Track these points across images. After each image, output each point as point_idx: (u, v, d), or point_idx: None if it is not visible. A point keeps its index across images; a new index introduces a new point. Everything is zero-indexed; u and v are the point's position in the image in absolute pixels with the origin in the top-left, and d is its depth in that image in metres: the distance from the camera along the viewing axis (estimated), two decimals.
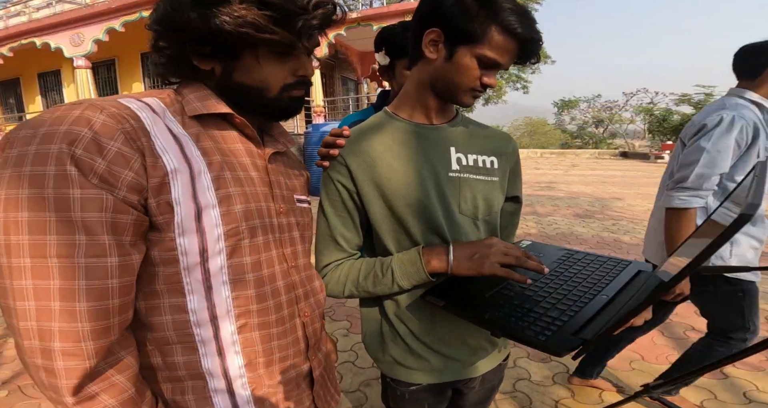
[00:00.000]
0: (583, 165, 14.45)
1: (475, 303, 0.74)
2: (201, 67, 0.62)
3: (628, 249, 4.27)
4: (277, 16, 0.58)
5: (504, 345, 0.95)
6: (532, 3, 17.73)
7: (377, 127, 0.85)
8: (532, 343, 0.63)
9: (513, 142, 0.94)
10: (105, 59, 9.81)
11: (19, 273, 0.46)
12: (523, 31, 0.70)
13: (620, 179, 10.20)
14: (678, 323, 2.64)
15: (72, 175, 0.48)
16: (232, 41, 0.58)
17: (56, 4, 9.54)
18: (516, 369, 2.16)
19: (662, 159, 14.91)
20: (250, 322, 0.61)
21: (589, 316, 0.66)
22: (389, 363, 0.90)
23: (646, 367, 2.16)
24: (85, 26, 8.44)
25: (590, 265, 0.83)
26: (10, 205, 0.47)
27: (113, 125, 0.51)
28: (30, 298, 0.46)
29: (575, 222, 5.59)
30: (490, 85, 0.76)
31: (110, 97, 0.58)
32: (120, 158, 0.51)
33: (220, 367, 0.59)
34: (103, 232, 0.49)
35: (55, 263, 0.47)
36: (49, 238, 0.46)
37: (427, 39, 0.75)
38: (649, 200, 7.13)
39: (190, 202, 0.55)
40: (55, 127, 0.49)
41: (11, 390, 2.08)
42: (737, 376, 2.04)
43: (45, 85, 11.29)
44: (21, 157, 0.48)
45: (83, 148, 0.48)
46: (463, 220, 0.83)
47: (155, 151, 0.54)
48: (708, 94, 16.99)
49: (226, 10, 0.56)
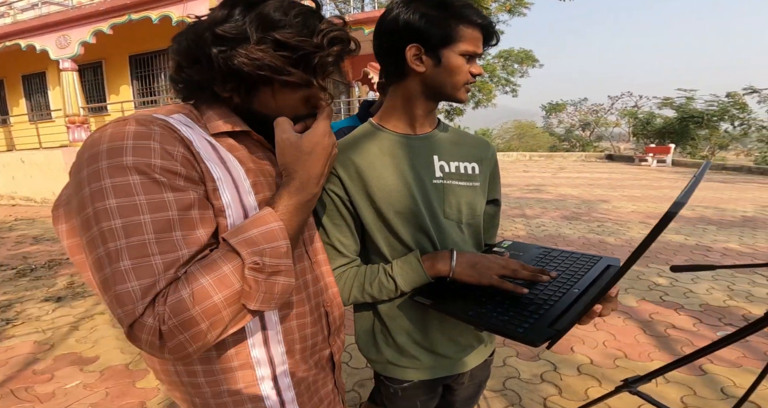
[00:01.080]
0: (570, 168, 14.69)
1: (460, 301, 0.80)
2: (221, 94, 0.65)
3: (612, 250, 4.39)
4: (293, 57, 0.60)
5: (489, 341, 1.01)
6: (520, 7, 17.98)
7: (365, 138, 0.90)
8: (511, 335, 0.69)
9: (492, 147, 1.00)
10: (92, 61, 9.62)
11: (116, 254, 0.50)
12: (481, 20, 0.81)
13: (606, 182, 10.41)
14: (659, 321, 2.74)
15: (162, 181, 0.52)
16: (251, 78, 0.61)
17: (42, 6, 9.38)
18: (506, 368, 2.23)
19: (646, 162, 15.20)
20: (290, 313, 0.67)
21: (563, 309, 0.72)
22: (382, 362, 0.95)
23: (630, 364, 2.25)
24: (71, 28, 8.28)
25: (564, 261, 0.90)
26: (101, 216, 0.50)
27: (169, 135, 0.56)
28: (138, 299, 0.49)
29: (562, 224, 5.71)
30: (479, 74, 0.85)
31: (140, 113, 0.61)
32: (187, 162, 0.56)
33: (266, 356, 0.65)
34: (196, 227, 0.54)
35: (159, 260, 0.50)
36: (148, 236, 0.50)
37: (410, 55, 0.82)
38: (633, 202, 7.31)
39: (238, 205, 0.60)
40: (119, 141, 0.52)
41: (3, 394, 2.09)
42: (715, 373, 2.14)
43: (30, 88, 11.03)
44: (95, 173, 0.51)
45: (161, 157, 0.53)
46: (448, 224, 0.90)
47: (203, 159, 0.59)
48: (689, 98, 17.33)
49: (244, 52, 0.58)
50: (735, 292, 3.18)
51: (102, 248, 0.49)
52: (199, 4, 7.11)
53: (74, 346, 2.60)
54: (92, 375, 2.27)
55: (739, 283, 3.36)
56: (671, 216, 0.49)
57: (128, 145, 0.52)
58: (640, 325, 2.70)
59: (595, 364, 2.26)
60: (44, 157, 8.96)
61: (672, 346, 2.43)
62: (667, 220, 0.49)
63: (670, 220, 0.49)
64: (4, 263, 4.53)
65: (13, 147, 10.81)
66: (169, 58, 0.66)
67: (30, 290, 3.65)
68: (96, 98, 10.09)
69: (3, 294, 3.56)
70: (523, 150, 24.48)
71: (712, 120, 16.33)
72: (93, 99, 10.05)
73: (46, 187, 9.07)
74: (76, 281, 3.85)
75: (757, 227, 5.33)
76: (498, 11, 17.67)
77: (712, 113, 16.30)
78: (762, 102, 15.56)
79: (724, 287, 3.29)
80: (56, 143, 9.58)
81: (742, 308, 2.91)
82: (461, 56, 0.81)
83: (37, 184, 9.16)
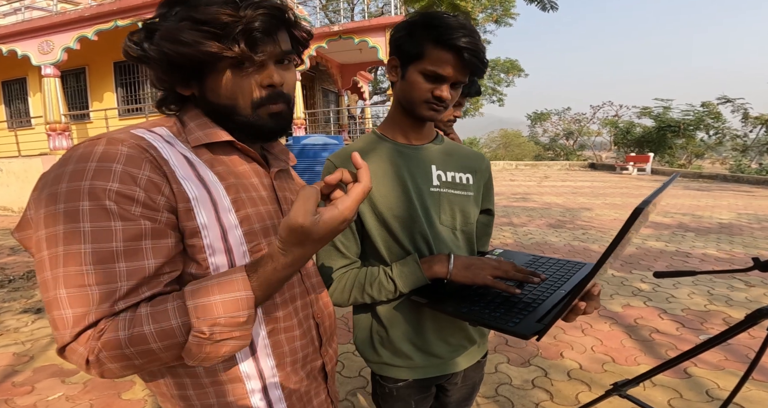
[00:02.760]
0: (554, 176, 14.97)
1: (454, 300, 0.85)
2: (183, 93, 0.64)
3: (596, 257, 4.47)
4: (214, 31, 0.57)
5: (481, 343, 1.05)
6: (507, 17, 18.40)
7: (368, 146, 0.96)
8: (503, 329, 0.73)
9: (486, 160, 1.06)
10: (74, 68, 9.45)
11: (57, 304, 0.50)
12: (454, 41, 0.80)
13: (589, 190, 10.65)
14: (643, 326, 2.81)
15: (112, 208, 0.51)
16: (185, 64, 0.59)
17: (24, 11, 9.21)
18: (497, 374, 2.26)
19: (626, 170, 15.60)
20: (277, 327, 0.67)
21: (550, 307, 0.77)
22: (378, 362, 0.99)
23: (617, 368, 2.30)
24: (55, 34, 8.15)
25: (552, 267, 0.96)
26: (50, 242, 0.50)
27: (137, 155, 0.54)
28: (69, 326, 0.50)
29: (548, 232, 5.81)
30: (442, 98, 0.84)
31: (122, 129, 0.60)
32: (151, 185, 0.54)
33: (255, 369, 0.65)
34: (144, 258, 0.53)
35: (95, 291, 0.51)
36: (86, 268, 0.50)
37: (389, 65, 0.91)
38: (615, 210, 7.49)
39: (215, 224, 0.59)
40: (83, 163, 0.52)
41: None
42: (700, 376, 2.20)
43: (9, 94, 10.75)
44: (52, 196, 0.51)
45: (119, 181, 0.52)
46: (443, 230, 0.95)
47: (177, 178, 0.57)
48: (666, 108, 17.86)
49: (166, 36, 0.57)
50: (715, 297, 3.28)
51: (47, 272, 0.51)
52: None
53: (55, 358, 2.53)
54: (75, 387, 2.22)
55: (719, 288, 3.47)
56: (638, 212, 0.53)
57: (90, 168, 0.52)
58: (626, 329, 2.76)
59: (584, 369, 2.30)
60: (23, 165, 8.73)
61: (657, 350, 2.49)
62: (635, 216, 0.53)
63: (638, 215, 0.53)
64: None
65: None
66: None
67: (8, 302, 3.54)
68: (78, 105, 9.90)
69: None
70: (509, 159, 24.85)
71: (689, 129, 16.88)
72: (75, 106, 9.86)
73: (24, 196, 8.81)
74: None
75: (733, 234, 5.51)
76: (485, 22, 18.07)
77: (688, 122, 16.86)
78: (735, 111, 16.16)
79: (705, 292, 3.39)
80: (36, 151, 9.33)
81: (722, 312, 3.00)
82: (421, 74, 0.84)
83: (15, 192, 8.90)
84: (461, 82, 0.86)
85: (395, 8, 9.54)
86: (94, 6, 7.93)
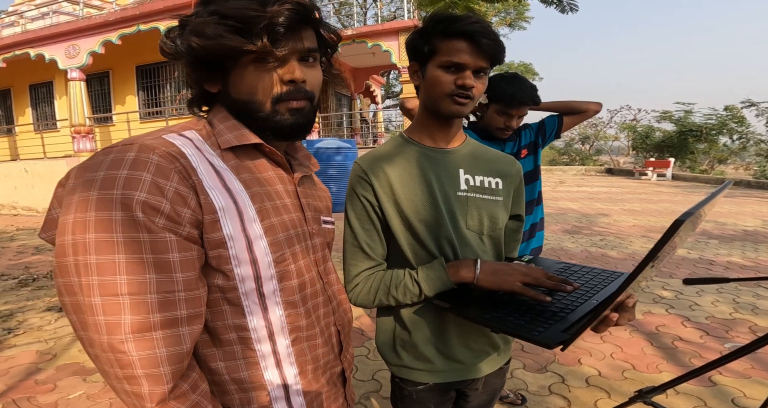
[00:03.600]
0: (570, 181, 14.75)
1: (478, 306, 0.83)
2: (210, 90, 0.65)
3: (615, 263, 4.40)
4: (238, 25, 0.57)
5: (504, 349, 1.02)
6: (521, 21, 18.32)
7: (396, 150, 0.96)
8: (526, 337, 0.70)
9: (517, 164, 1.03)
10: (99, 71, 9.71)
11: (93, 309, 0.50)
12: (462, 28, 0.80)
13: (606, 196, 10.45)
14: (665, 334, 2.74)
15: (139, 219, 0.51)
16: (209, 59, 0.60)
17: (52, 16, 9.51)
18: (513, 380, 2.22)
19: (645, 175, 15.27)
20: (300, 335, 0.67)
21: (579, 317, 0.74)
22: (399, 365, 0.98)
23: (637, 375, 2.24)
24: (81, 38, 8.39)
25: (585, 276, 0.91)
26: (78, 248, 0.50)
27: (166, 165, 0.54)
28: (104, 332, 0.50)
29: (564, 237, 5.72)
30: (465, 85, 0.83)
31: (153, 133, 0.60)
32: (178, 197, 0.54)
33: (279, 377, 0.65)
34: (173, 271, 0.53)
35: (127, 300, 0.50)
36: (119, 278, 0.50)
37: (411, 71, 0.93)
38: (634, 216, 7.33)
39: (241, 235, 0.59)
40: (114, 170, 0.52)
41: (6, 403, 2.08)
42: (725, 384, 2.13)
43: (36, 97, 11.11)
44: (83, 202, 0.51)
45: (147, 192, 0.52)
46: (469, 235, 0.93)
47: (204, 188, 0.57)
48: (688, 112, 17.42)
49: (193, 30, 0.58)
50: (740, 305, 3.18)
51: (74, 277, 0.51)
52: None
53: (77, 356, 2.58)
54: (95, 385, 2.25)
55: (744, 296, 3.36)
56: (678, 224, 0.51)
57: (121, 176, 0.52)
58: (647, 337, 2.70)
59: (603, 376, 2.25)
60: (47, 166, 9.00)
61: (680, 357, 2.43)
62: (674, 229, 0.51)
63: (677, 228, 0.51)
64: (5, 273, 4.54)
65: (17, 156, 10.86)
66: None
67: (32, 300, 3.64)
68: (102, 108, 10.17)
69: (4, 303, 3.56)
70: None
71: (711, 134, 16.42)
72: (99, 109, 10.13)
73: (48, 197, 9.05)
74: None
75: (758, 241, 5.34)
76: (498, 25, 18.00)
77: (710, 127, 16.40)
78: (760, 115, 15.67)
79: (730, 300, 3.29)
80: (60, 153, 9.62)
81: (748, 321, 2.90)
82: (440, 68, 0.85)
83: (39, 193, 9.17)
84: (483, 69, 0.85)
85: (408, 12, 9.58)
86: (118, 11, 8.15)
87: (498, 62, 0.86)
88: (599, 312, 0.66)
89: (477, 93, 0.86)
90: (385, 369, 2.34)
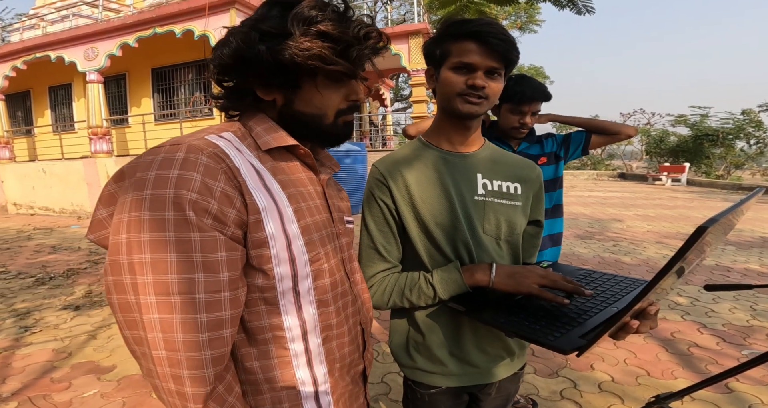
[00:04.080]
0: (581, 186, 14.58)
1: (493, 309, 0.82)
2: (264, 98, 0.66)
3: (629, 269, 4.33)
4: (337, 48, 0.62)
5: (520, 354, 1.01)
6: (531, 24, 18.23)
7: (414, 153, 0.96)
8: (541, 342, 0.70)
9: (537, 169, 1.02)
10: (116, 74, 9.89)
11: (147, 308, 0.51)
12: (470, 28, 0.82)
13: (618, 201, 10.32)
14: (681, 340, 2.69)
15: (191, 219, 0.52)
16: (298, 72, 0.62)
17: (72, 19, 9.71)
18: (523, 385, 2.20)
19: (659, 181, 15.03)
20: (330, 334, 0.69)
21: (597, 323, 0.72)
22: (412, 368, 0.97)
23: (652, 381, 2.20)
24: (99, 41, 8.54)
25: (607, 283, 0.89)
26: (133, 247, 0.51)
27: (214, 166, 0.56)
28: (158, 330, 0.51)
29: (576, 243, 5.66)
30: (476, 85, 0.83)
31: (195, 133, 0.62)
32: (225, 198, 0.55)
33: (310, 376, 0.66)
34: (219, 270, 0.54)
35: (178, 299, 0.52)
36: (171, 277, 0.51)
37: (427, 76, 0.95)
38: (648, 222, 7.22)
39: (281, 235, 0.61)
40: (166, 170, 0.53)
41: (21, 401, 2.11)
42: (742, 391, 2.08)
43: (55, 99, 11.35)
44: (137, 201, 0.52)
45: (197, 192, 0.53)
46: (486, 240, 0.92)
47: (248, 188, 0.59)
48: (704, 116, 17.09)
49: (294, 44, 0.60)
50: (758, 312, 3.11)
51: (127, 276, 0.52)
52: (220, 19, 7.35)
53: (92, 355, 2.62)
54: (109, 384, 2.27)
55: (762, 303, 3.29)
56: (701, 232, 0.50)
57: (173, 176, 0.53)
58: (662, 343, 2.65)
59: (616, 381, 2.22)
60: (65, 167, 9.17)
61: (696, 364, 2.38)
62: (696, 236, 0.50)
63: (700, 236, 0.50)
64: (23, 271, 4.63)
65: (35, 157, 11.11)
66: (211, 68, 0.67)
67: (48, 298, 3.70)
68: (118, 110, 10.35)
69: (22, 302, 3.63)
70: None
71: (727, 138, 16.10)
72: (115, 111, 10.31)
73: (65, 197, 9.26)
74: (93, 290, 3.91)
75: None
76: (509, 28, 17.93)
77: (727, 131, 16.09)
78: None
79: (747, 307, 3.22)
80: (78, 154, 9.80)
81: (766, 328, 2.83)
82: (451, 70, 0.86)
83: (56, 194, 9.35)
84: (494, 69, 0.84)
85: (418, 16, 9.57)
86: (135, 14, 8.30)
87: (510, 61, 0.85)
88: (617, 318, 0.64)
89: (491, 93, 0.86)
90: (395, 372, 2.33)
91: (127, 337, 0.54)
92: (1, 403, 2.08)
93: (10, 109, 11.61)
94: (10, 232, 7.42)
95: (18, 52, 9.50)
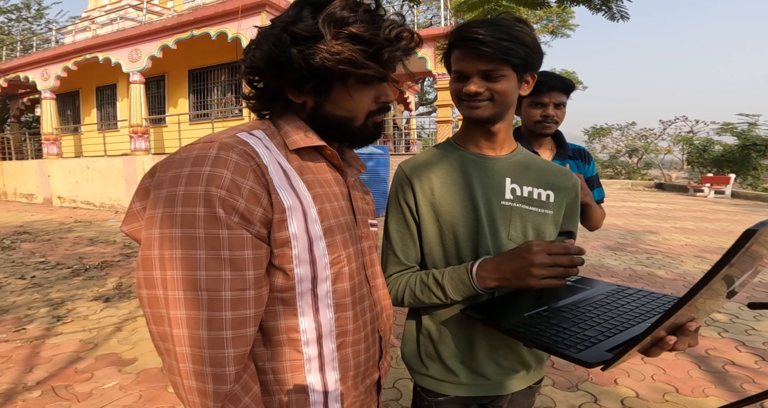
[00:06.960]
0: (614, 196, 14.00)
1: (512, 318, 0.77)
2: (295, 100, 0.66)
3: (663, 283, 4.11)
4: (369, 51, 0.61)
5: (536, 368, 0.96)
6: (564, 29, 17.79)
7: (441, 154, 0.95)
8: (563, 354, 0.65)
9: (573, 178, 0.96)
10: (156, 75, 10.35)
11: (174, 303, 0.52)
12: (453, 37, 0.82)
13: (655, 212, 9.83)
14: (716, 357, 2.52)
15: (221, 216, 0.53)
16: (329, 76, 0.62)
17: (119, 21, 10.26)
18: (540, 397, 2.11)
19: (701, 192, 14.24)
20: (346, 340, 0.67)
21: (627, 338, 0.67)
22: (423, 375, 0.95)
23: (680, 399, 2.07)
24: (142, 43, 8.98)
25: (640, 299, 0.84)
26: (165, 242, 0.52)
27: (244, 164, 0.56)
28: (183, 326, 0.52)
29: (606, 254, 5.41)
30: (468, 92, 0.83)
31: (227, 131, 0.62)
32: (252, 196, 0.56)
33: (320, 382, 0.65)
34: (245, 268, 0.54)
35: (205, 295, 0.52)
36: (199, 273, 0.52)
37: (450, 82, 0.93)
38: (687, 235, 6.83)
39: (304, 235, 0.61)
40: (198, 167, 0.54)
41: (45, 390, 2.17)
42: None
43: (101, 99, 12.02)
44: (171, 197, 0.53)
45: (227, 189, 0.53)
46: (510, 246, 0.87)
47: (275, 187, 0.59)
48: (752, 124, 16.10)
49: (325, 47, 0.59)
50: None
51: (157, 272, 0.53)
52: (252, 21, 7.59)
53: (116, 347, 2.69)
54: (129, 377, 2.32)
55: None
56: (750, 235, 0.46)
57: (205, 173, 0.53)
58: (694, 360, 2.49)
59: (641, 397, 2.10)
60: (107, 164, 9.69)
61: (731, 382, 2.22)
62: (744, 239, 0.46)
63: (749, 239, 0.46)
64: (61, 262, 4.86)
65: (80, 153, 11.79)
66: (242, 70, 0.67)
67: (81, 289, 3.86)
68: (157, 110, 10.85)
69: (57, 291, 3.80)
70: None
71: None
72: (154, 111, 10.81)
73: (105, 192, 9.77)
74: (124, 283, 4.06)
75: None
76: (540, 32, 17.56)
77: None
78: None
79: None
80: (118, 152, 10.34)
81: None
82: (453, 79, 0.88)
83: (97, 189, 9.88)
84: (489, 71, 0.81)
85: (445, 19, 9.48)
86: (175, 16, 8.68)
87: (509, 57, 0.79)
88: (650, 332, 0.59)
89: (495, 94, 0.83)
90: (407, 378, 2.29)
91: (153, 332, 0.55)
92: (24, 392, 2.15)
93: (61, 107, 12.38)
94: (53, 223, 7.86)
95: (69, 53, 10.10)
